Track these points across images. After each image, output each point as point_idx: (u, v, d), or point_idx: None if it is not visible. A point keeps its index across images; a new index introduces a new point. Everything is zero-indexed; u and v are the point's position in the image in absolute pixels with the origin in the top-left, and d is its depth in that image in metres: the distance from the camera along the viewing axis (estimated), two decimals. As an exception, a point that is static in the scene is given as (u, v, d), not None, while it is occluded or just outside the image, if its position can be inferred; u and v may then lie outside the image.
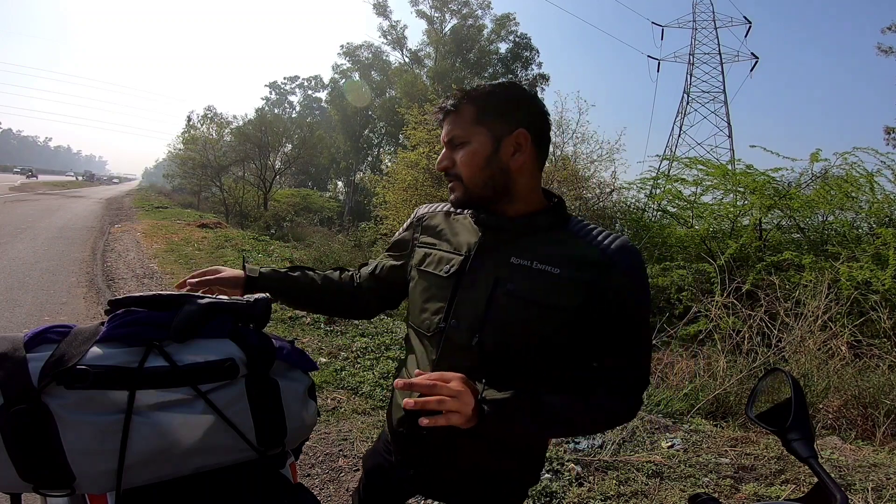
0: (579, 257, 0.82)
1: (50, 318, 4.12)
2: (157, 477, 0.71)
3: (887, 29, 15.69)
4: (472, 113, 0.85)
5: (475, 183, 0.86)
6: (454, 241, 0.93)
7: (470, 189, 0.86)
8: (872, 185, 5.56)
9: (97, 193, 27.12)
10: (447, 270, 0.90)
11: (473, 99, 0.86)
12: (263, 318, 0.84)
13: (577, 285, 0.81)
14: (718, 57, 26.84)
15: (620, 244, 0.83)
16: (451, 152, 0.87)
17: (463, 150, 0.86)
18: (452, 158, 0.87)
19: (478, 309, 0.85)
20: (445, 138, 0.88)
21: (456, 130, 0.86)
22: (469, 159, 0.85)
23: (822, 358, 3.49)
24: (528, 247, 0.85)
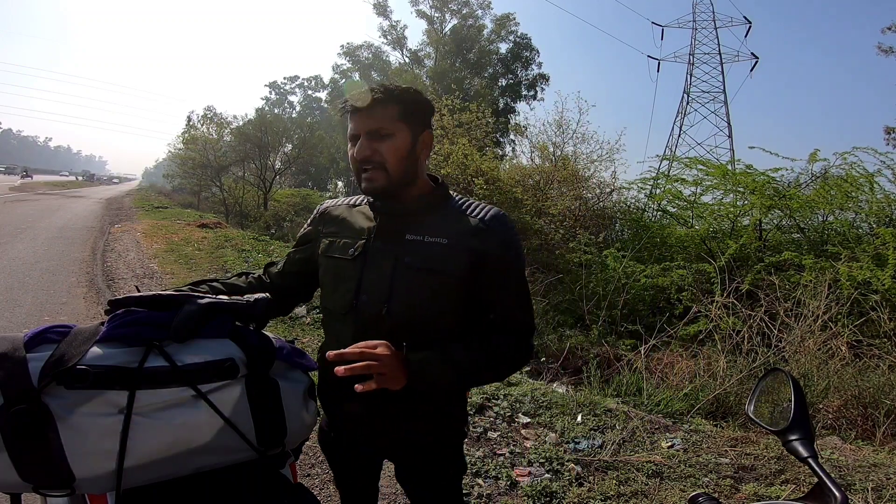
0: (462, 228, 0.95)
1: (50, 318, 4.12)
2: (157, 477, 0.71)
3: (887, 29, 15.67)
4: (396, 110, 0.94)
5: (398, 172, 0.95)
6: (356, 227, 1.02)
7: (393, 177, 0.95)
8: (872, 185, 5.56)
9: (97, 193, 27.12)
10: (352, 253, 0.99)
11: (398, 98, 0.94)
12: (263, 318, 0.84)
13: (462, 252, 0.93)
14: (718, 57, 26.86)
15: (493, 213, 0.97)
16: (374, 143, 0.93)
17: (387, 141, 0.93)
18: (374, 148, 0.93)
19: (383, 283, 0.95)
20: (368, 129, 0.93)
21: (380, 123, 0.93)
22: (395, 151, 0.94)
23: (822, 358, 3.49)
24: (419, 224, 0.96)
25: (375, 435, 1.04)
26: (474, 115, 8.36)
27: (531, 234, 6.71)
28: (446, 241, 0.94)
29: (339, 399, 1.05)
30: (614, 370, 3.86)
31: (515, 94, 27.69)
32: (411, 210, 0.98)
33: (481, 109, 8.65)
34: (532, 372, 3.83)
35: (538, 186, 7.67)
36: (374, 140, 0.93)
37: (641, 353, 3.84)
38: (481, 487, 2.16)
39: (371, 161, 0.94)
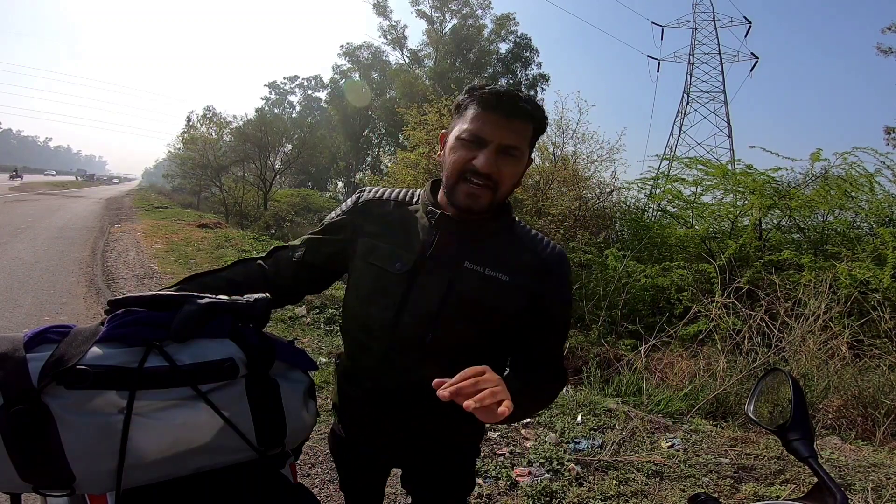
0: (524, 265, 0.89)
1: (50, 318, 4.12)
2: (157, 477, 0.71)
3: (887, 29, 15.67)
4: (531, 131, 0.86)
5: (505, 196, 0.87)
6: (407, 236, 0.90)
7: (498, 201, 0.86)
8: (872, 185, 5.56)
9: (97, 193, 27.12)
10: (400, 268, 0.88)
11: (537, 118, 0.85)
12: (263, 318, 0.84)
13: (521, 292, 0.88)
14: (718, 57, 26.86)
15: (558, 253, 0.92)
16: (499, 158, 0.82)
17: (512, 163, 0.84)
18: (498, 165, 0.82)
19: (431, 308, 0.87)
20: (506, 142, 0.82)
21: (517, 140, 0.83)
22: (515, 174, 0.86)
23: (823, 358, 3.49)
24: (479, 251, 0.88)
25: (389, 441, 1.01)
26: (474, 114, 8.36)
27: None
28: (507, 279, 0.87)
29: (362, 410, 1.01)
30: (614, 370, 3.86)
31: (515, 94, 27.66)
32: (474, 233, 0.88)
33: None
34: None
35: (538, 186, 7.67)
36: (503, 157, 0.82)
37: (641, 353, 3.84)
38: (481, 487, 2.16)
39: (489, 178, 0.82)
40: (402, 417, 0.95)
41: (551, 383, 0.95)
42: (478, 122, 0.82)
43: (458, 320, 0.87)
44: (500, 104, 0.81)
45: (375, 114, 29.27)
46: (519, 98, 0.83)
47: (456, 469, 1.06)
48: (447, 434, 0.99)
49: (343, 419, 1.07)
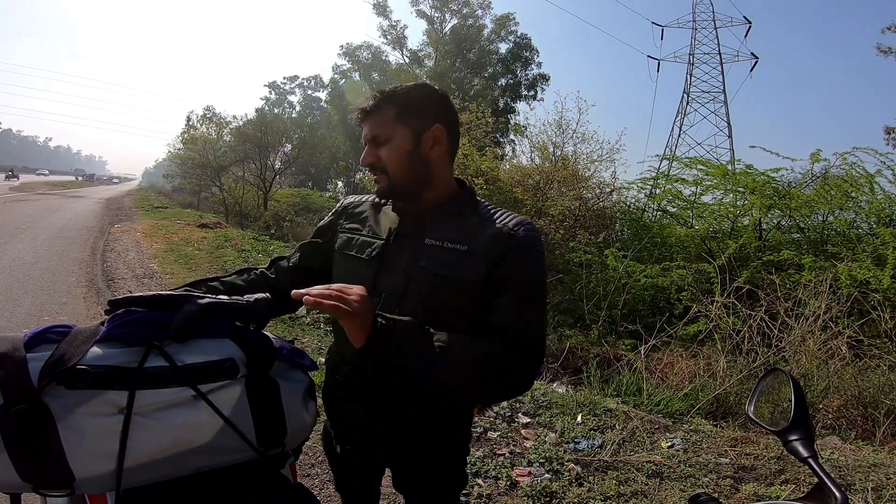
0: (484, 235, 0.92)
1: (50, 318, 4.12)
2: (156, 477, 0.71)
3: (887, 29, 15.68)
4: (393, 112, 0.93)
5: (399, 175, 0.94)
6: (376, 227, 1.01)
7: (394, 180, 0.95)
8: (872, 185, 5.56)
9: (97, 193, 27.11)
10: (369, 254, 0.98)
11: (393, 99, 0.94)
12: (263, 318, 0.84)
13: (481, 258, 0.90)
14: (718, 57, 26.86)
15: (519, 220, 0.94)
16: (375, 149, 0.94)
17: (386, 146, 0.93)
18: (377, 154, 0.94)
19: (397, 286, 0.93)
20: (368, 136, 0.95)
21: (378, 129, 0.94)
22: (393, 154, 0.93)
23: (823, 358, 3.49)
24: (440, 229, 0.94)
25: (376, 438, 1.03)
26: (474, 114, 8.35)
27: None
28: (466, 248, 0.91)
29: (342, 400, 1.05)
30: (614, 370, 3.86)
31: (515, 93, 27.69)
32: (433, 213, 0.95)
33: (481, 109, 8.65)
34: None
35: (538, 186, 7.67)
36: (375, 146, 0.95)
37: (641, 353, 3.84)
38: (481, 487, 2.16)
39: (375, 167, 0.95)
40: (380, 402, 0.98)
41: (513, 359, 0.85)
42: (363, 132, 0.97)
43: (422, 295, 0.91)
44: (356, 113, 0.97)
45: (375, 114, 29.14)
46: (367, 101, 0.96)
47: (445, 464, 1.06)
48: (428, 419, 0.99)
49: (328, 411, 1.10)
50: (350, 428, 1.06)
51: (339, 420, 1.08)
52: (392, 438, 1.01)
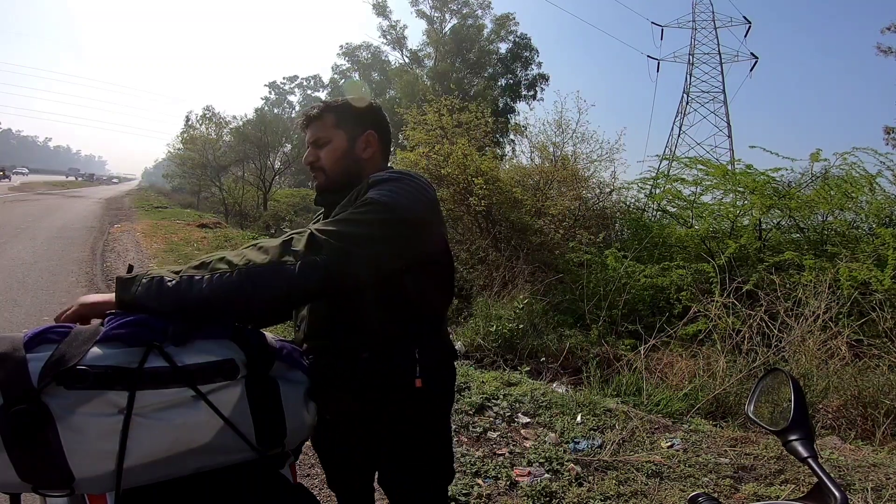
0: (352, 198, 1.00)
1: (50, 319, 4.10)
2: (156, 477, 0.71)
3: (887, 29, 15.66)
4: (333, 119, 1.08)
5: (334, 171, 1.08)
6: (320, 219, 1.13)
7: (330, 177, 1.09)
8: (872, 185, 5.56)
9: (97, 193, 27.10)
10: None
11: (333, 109, 1.09)
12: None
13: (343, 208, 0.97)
14: (718, 57, 26.86)
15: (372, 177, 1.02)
16: (317, 150, 1.09)
17: (325, 147, 1.08)
18: (317, 154, 1.08)
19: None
20: (311, 139, 1.09)
21: (320, 133, 1.08)
22: (330, 154, 1.08)
23: (822, 358, 3.49)
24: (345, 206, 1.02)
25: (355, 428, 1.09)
26: (473, 114, 8.34)
27: (531, 235, 6.71)
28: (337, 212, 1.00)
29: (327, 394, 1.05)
30: (614, 370, 3.86)
31: (515, 93, 27.68)
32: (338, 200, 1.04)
33: (481, 109, 8.64)
34: (532, 372, 3.83)
35: (538, 186, 7.66)
36: (316, 148, 1.09)
37: (641, 353, 3.84)
38: (481, 487, 2.16)
39: (314, 165, 1.09)
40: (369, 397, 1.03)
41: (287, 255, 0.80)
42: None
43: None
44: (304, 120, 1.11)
45: (375, 114, 29.15)
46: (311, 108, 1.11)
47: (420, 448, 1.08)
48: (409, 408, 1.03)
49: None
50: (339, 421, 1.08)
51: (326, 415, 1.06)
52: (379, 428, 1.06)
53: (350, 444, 1.13)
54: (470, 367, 3.71)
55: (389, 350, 1.00)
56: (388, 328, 1.00)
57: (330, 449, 1.18)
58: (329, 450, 1.18)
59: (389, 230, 0.88)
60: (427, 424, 1.08)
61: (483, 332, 4.32)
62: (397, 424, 1.05)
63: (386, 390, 1.02)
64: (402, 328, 1.01)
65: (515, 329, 4.29)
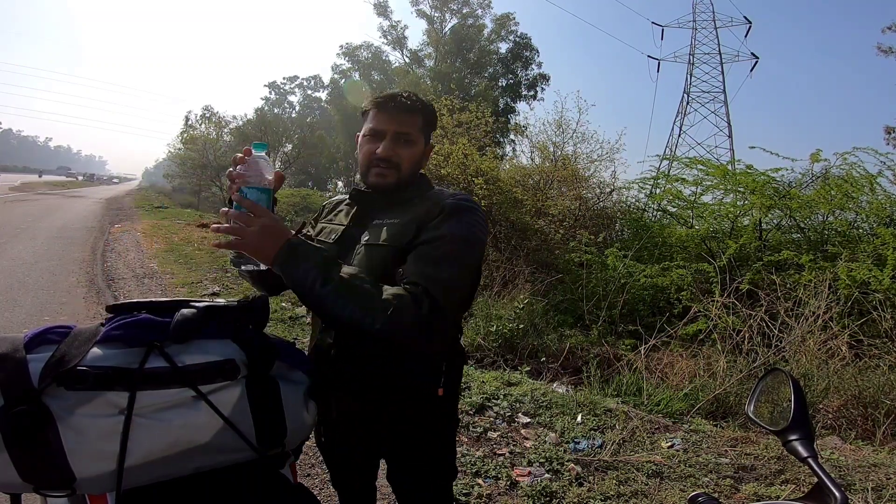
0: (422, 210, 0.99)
1: (50, 319, 4.12)
2: (157, 477, 0.71)
3: (887, 29, 15.67)
4: (422, 121, 1.05)
5: (406, 175, 1.04)
6: (342, 216, 1.13)
7: (401, 178, 1.03)
8: (873, 185, 5.56)
9: (97, 193, 27.11)
10: (333, 238, 1.08)
11: (424, 110, 1.05)
12: (263, 318, 0.84)
13: (410, 225, 0.97)
14: (718, 57, 26.85)
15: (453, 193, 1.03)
16: (397, 145, 1.01)
17: (409, 147, 1.03)
18: (396, 150, 1.01)
19: (349, 259, 1.00)
20: (395, 130, 1.01)
21: (409, 129, 1.02)
22: (411, 156, 1.03)
23: (823, 358, 3.49)
24: (387, 212, 1.03)
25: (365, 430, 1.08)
26: (474, 114, 8.35)
27: (531, 234, 6.71)
28: (399, 220, 0.99)
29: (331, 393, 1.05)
30: (614, 370, 3.86)
31: (515, 94, 27.69)
32: (387, 200, 1.04)
33: (481, 109, 8.64)
34: (532, 372, 3.83)
35: (538, 186, 7.66)
36: (398, 143, 1.01)
37: (641, 353, 3.84)
38: (481, 487, 2.16)
39: (389, 161, 1.01)
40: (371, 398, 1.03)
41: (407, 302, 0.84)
42: (376, 119, 1.03)
43: (369, 265, 0.97)
44: (389, 102, 1.02)
45: (375, 114, 29.17)
46: (403, 96, 1.03)
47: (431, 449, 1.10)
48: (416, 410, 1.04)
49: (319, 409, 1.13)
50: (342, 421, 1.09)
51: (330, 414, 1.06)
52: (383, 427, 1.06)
53: (350, 443, 1.13)
54: (470, 367, 3.71)
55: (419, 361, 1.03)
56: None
57: (331, 448, 1.18)
58: (330, 449, 1.19)
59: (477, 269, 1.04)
60: (437, 426, 1.09)
61: (483, 331, 4.32)
62: (402, 425, 1.05)
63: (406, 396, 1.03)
64: None
65: (515, 329, 4.29)
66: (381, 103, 1.03)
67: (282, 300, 4.79)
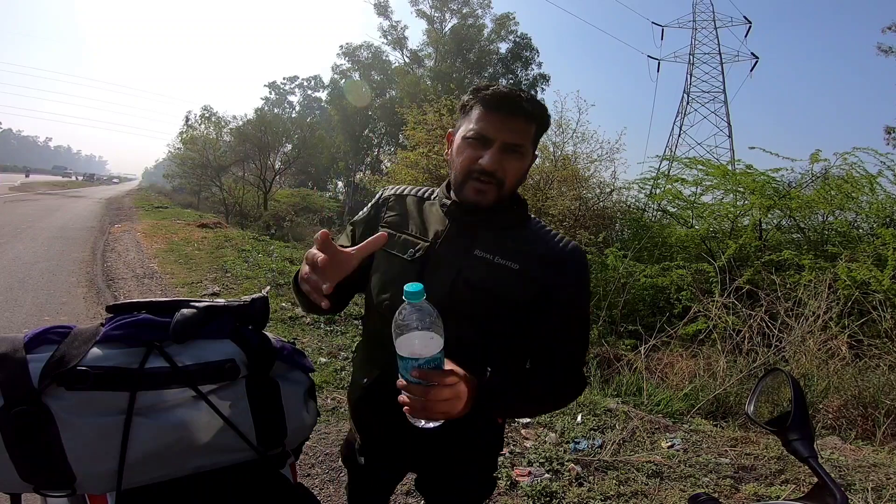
0: (537, 256, 0.87)
1: (50, 319, 4.12)
2: (157, 477, 0.71)
3: (887, 29, 15.67)
4: (535, 130, 0.87)
5: (510, 190, 0.89)
6: (421, 226, 0.94)
7: (504, 197, 0.88)
8: (873, 185, 5.56)
9: (97, 193, 27.11)
10: (412, 254, 0.90)
11: (541, 118, 0.87)
12: (262, 319, 0.84)
13: (531, 281, 0.86)
14: (718, 57, 26.85)
15: (573, 247, 0.90)
16: (503, 156, 0.84)
17: (518, 161, 0.86)
18: (501, 163, 0.84)
19: (441, 296, 0.83)
20: (509, 140, 0.83)
21: (522, 140, 0.85)
22: (518, 172, 0.88)
23: (823, 358, 3.49)
24: (491, 241, 0.89)
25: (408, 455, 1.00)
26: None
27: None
28: (517, 267, 0.86)
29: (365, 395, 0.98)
30: (614, 370, 3.86)
31: (515, 94, 27.64)
32: (486, 223, 0.90)
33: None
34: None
35: (538, 186, 7.66)
36: (507, 156, 0.84)
37: (641, 353, 3.84)
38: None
39: (493, 175, 0.84)
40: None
41: (562, 388, 0.90)
42: (482, 122, 0.84)
43: (465, 309, 0.85)
44: (504, 104, 0.83)
45: (375, 114, 29.27)
46: (521, 98, 0.84)
47: (473, 470, 1.01)
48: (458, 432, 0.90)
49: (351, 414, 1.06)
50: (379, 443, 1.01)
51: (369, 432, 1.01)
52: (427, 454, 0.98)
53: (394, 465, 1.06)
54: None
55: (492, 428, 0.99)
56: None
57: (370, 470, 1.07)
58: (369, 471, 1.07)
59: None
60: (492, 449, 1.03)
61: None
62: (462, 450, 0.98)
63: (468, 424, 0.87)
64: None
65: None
66: (492, 102, 0.84)
67: (282, 300, 4.79)
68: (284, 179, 26.35)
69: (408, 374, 0.69)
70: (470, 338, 0.86)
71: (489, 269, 0.86)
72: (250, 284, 5.46)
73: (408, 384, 0.69)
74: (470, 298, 0.86)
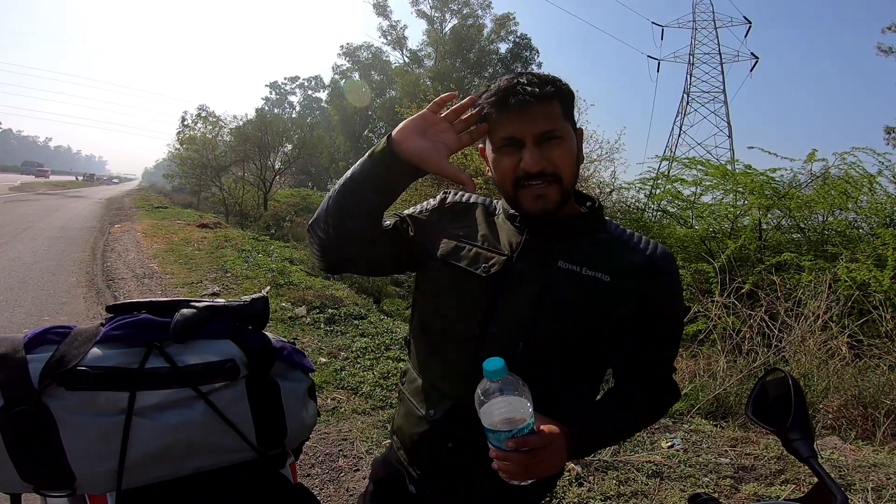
0: (626, 265, 0.80)
1: (50, 319, 4.12)
2: (157, 477, 0.71)
3: (887, 29, 15.70)
4: (560, 106, 0.78)
5: (571, 184, 0.79)
6: (494, 238, 0.84)
7: (567, 192, 0.79)
8: (872, 185, 5.56)
9: (97, 193, 27.11)
10: (486, 270, 0.81)
11: (560, 91, 0.78)
12: (262, 319, 0.84)
13: (627, 293, 0.79)
14: (718, 57, 26.88)
15: (662, 252, 0.83)
16: (543, 150, 0.75)
17: (560, 145, 0.76)
18: (548, 157, 0.75)
19: (524, 314, 0.78)
20: (539, 130, 0.75)
21: (552, 123, 0.76)
22: (568, 157, 0.77)
23: (823, 358, 3.48)
24: (573, 250, 0.80)
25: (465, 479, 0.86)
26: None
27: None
28: (609, 279, 0.78)
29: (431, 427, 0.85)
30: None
31: (515, 94, 27.69)
32: (566, 231, 0.82)
33: (481, 109, 8.63)
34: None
35: (538, 186, 7.67)
36: (546, 146, 0.75)
37: (641, 353, 3.84)
38: (481, 487, 2.16)
39: (544, 174, 0.75)
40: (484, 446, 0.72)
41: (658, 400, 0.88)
42: (502, 125, 0.77)
43: (554, 327, 0.78)
44: (512, 98, 0.75)
45: (375, 114, 29.30)
46: (525, 83, 0.76)
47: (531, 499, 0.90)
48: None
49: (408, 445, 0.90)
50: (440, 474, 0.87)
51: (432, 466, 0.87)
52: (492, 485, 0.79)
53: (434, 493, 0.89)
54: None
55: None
56: None
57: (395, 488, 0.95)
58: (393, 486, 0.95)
59: None
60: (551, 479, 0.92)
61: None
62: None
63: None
64: None
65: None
66: (501, 102, 0.76)
67: (282, 300, 4.79)
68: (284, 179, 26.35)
69: (501, 444, 0.66)
70: (559, 359, 0.80)
71: (578, 283, 0.78)
72: (250, 284, 5.46)
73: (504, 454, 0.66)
74: (560, 316, 0.78)
